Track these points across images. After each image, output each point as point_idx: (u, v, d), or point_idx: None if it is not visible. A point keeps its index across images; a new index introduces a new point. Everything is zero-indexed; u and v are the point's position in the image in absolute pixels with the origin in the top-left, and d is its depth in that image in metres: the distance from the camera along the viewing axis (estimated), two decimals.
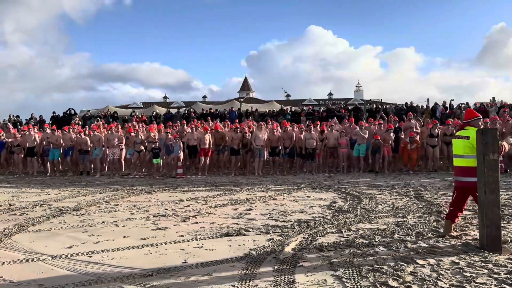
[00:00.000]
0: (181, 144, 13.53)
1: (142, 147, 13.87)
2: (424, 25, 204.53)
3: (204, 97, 62.81)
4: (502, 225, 4.88)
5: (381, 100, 30.58)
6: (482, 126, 5.41)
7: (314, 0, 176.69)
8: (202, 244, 5.08)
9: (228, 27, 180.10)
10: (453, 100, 22.04)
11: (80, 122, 20.80)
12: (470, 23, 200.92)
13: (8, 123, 20.47)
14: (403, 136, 13.48)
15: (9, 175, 14.43)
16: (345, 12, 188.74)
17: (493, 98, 23.18)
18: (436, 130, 13.30)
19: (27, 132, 14.69)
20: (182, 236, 5.49)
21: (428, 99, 23.98)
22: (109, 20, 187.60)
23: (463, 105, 21.08)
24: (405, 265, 4.08)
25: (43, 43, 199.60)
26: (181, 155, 13.38)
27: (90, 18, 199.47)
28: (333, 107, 24.83)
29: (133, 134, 14.37)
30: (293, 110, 24.22)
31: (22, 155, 14.47)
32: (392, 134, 13.41)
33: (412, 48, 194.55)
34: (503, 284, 3.56)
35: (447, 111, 20.22)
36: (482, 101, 23.30)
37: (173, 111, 26.46)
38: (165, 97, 61.40)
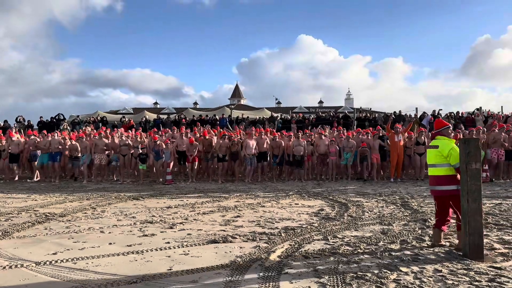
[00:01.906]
0: (171, 150, 13.49)
1: (128, 151, 13.74)
2: (412, 36, 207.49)
3: (195, 103, 62.66)
4: (485, 233, 4.97)
5: (370, 108, 30.92)
6: (452, 135, 5.54)
7: (304, 10, 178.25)
8: (189, 251, 5.08)
9: (220, 35, 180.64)
10: (441, 109, 22.37)
11: (68, 128, 20.63)
12: (456, 35, 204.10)
13: None
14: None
15: None
16: (335, 22, 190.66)
17: (480, 107, 23.56)
18: (423, 138, 13.43)
19: (11, 139, 14.48)
20: (168, 243, 5.48)
21: (416, 108, 24.34)
22: (100, 26, 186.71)
23: (451, 114, 21.40)
24: (389, 272, 4.12)
25: (33, 49, 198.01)
26: (171, 162, 13.33)
27: (81, 25, 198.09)
28: (323, 115, 25.01)
29: (117, 138, 14.36)
30: (283, 117, 24.33)
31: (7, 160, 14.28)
32: (378, 140, 13.52)
33: (400, 58, 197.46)
34: None
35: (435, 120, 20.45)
36: (470, 110, 23.71)
37: (164, 117, 26.36)
38: (155, 103, 61.12)
